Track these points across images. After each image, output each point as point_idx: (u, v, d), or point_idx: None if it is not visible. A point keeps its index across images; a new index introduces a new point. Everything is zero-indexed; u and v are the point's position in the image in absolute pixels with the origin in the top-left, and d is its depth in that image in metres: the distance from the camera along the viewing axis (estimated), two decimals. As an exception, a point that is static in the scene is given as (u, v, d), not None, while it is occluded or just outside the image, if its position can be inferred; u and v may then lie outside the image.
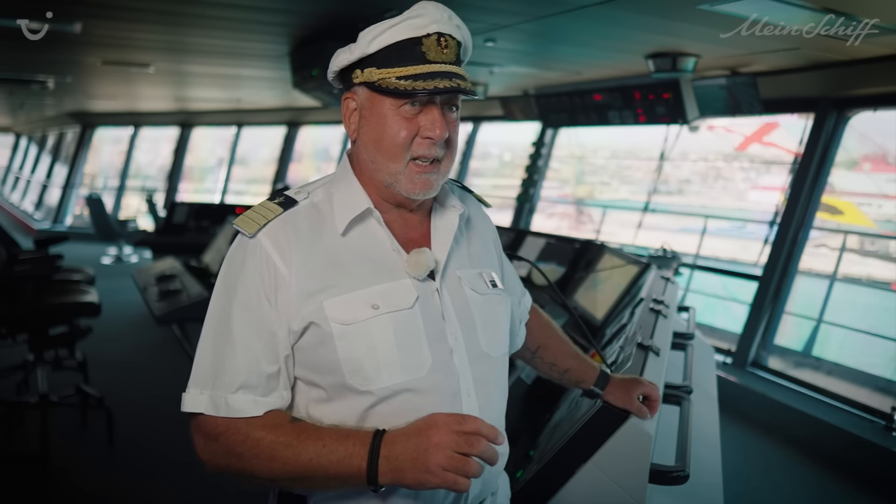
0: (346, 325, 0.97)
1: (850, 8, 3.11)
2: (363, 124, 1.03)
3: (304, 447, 0.92)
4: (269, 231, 1.00)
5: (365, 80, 1.01)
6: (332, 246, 1.02)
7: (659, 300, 2.24)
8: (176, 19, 4.18)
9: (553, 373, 1.41)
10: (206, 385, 0.99)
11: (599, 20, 3.74)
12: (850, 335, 5.34)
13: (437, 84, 0.96)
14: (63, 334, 3.50)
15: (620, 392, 1.33)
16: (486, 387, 1.07)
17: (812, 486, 3.63)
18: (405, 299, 1.01)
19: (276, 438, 0.94)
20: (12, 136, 17.90)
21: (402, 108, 0.99)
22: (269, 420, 0.97)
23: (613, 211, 9.18)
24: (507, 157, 13.21)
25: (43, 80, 7.08)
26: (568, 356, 1.40)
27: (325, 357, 0.98)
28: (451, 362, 1.03)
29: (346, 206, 1.04)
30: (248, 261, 1.00)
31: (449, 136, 1.02)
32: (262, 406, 0.98)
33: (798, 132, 5.28)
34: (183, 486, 3.08)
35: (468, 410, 1.03)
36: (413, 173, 1.01)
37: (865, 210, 8.04)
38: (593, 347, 1.61)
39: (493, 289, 1.14)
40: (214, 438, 0.98)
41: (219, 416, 0.97)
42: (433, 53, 0.98)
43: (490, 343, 1.10)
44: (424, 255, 1.04)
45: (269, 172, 11.47)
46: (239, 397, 0.97)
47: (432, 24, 0.99)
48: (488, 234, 1.25)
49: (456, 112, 1.04)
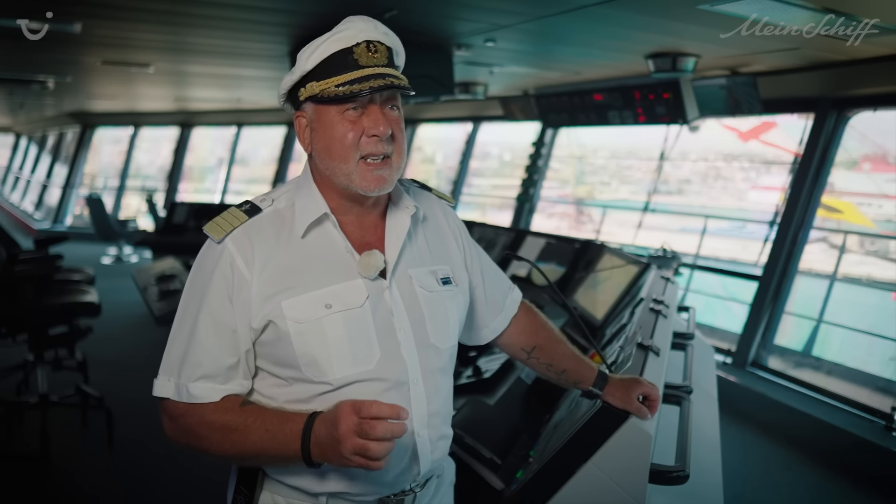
0: (300, 323, 1.07)
1: (850, 8, 3.11)
2: (314, 137, 1.13)
3: (251, 432, 1.04)
4: (235, 237, 1.10)
5: (308, 94, 1.10)
6: (291, 250, 1.11)
7: (659, 300, 2.24)
8: (176, 19, 4.18)
9: (550, 373, 1.42)
10: (173, 373, 1.10)
11: (599, 20, 3.74)
12: (850, 335, 5.34)
13: (372, 84, 1.05)
14: (63, 334, 3.50)
15: (620, 392, 1.33)
16: (433, 375, 1.17)
17: (812, 486, 3.63)
18: (356, 298, 1.11)
19: (227, 423, 1.06)
20: (12, 136, 17.90)
21: (345, 113, 1.08)
22: (223, 405, 1.08)
23: (613, 211, 9.18)
24: (507, 157, 13.21)
25: (43, 80, 7.08)
26: (565, 356, 1.41)
27: (283, 352, 1.09)
28: (398, 354, 1.13)
29: (305, 212, 1.13)
30: (214, 264, 1.10)
31: (393, 132, 1.10)
32: (219, 392, 1.09)
33: (796, 132, 5.28)
34: (183, 486, 3.08)
35: (416, 397, 1.14)
36: (365, 171, 1.10)
37: (865, 210, 8.04)
38: (593, 347, 1.61)
39: (443, 286, 1.22)
40: (176, 419, 1.11)
41: (181, 401, 1.09)
42: (364, 59, 1.08)
43: (438, 336, 1.18)
44: (374, 257, 1.13)
45: (269, 172, 11.48)
46: (199, 385, 1.08)
47: (360, 34, 1.08)
48: (447, 231, 1.32)
49: (397, 111, 1.13)
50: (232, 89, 8.13)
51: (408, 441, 1.13)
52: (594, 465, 1.26)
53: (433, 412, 1.16)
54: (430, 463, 1.17)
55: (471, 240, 1.37)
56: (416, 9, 3.70)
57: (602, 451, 1.27)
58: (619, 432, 1.27)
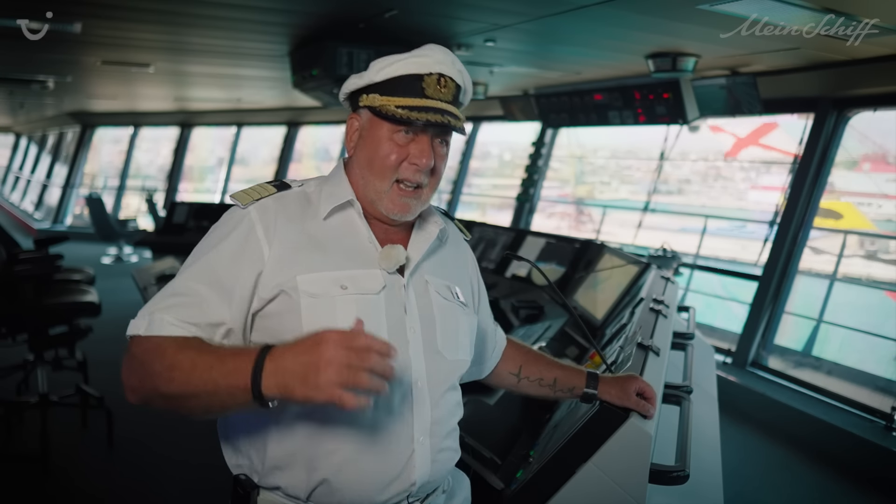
0: (313, 297, 1.04)
1: (850, 8, 3.11)
2: (361, 143, 1.14)
3: (201, 358, 0.94)
4: (260, 206, 1.09)
5: (368, 104, 1.11)
6: (313, 229, 1.11)
7: (659, 300, 2.23)
8: (176, 19, 4.18)
9: (544, 388, 1.43)
10: (150, 310, 1.02)
11: (599, 20, 3.74)
12: (850, 335, 5.34)
13: (430, 117, 1.07)
14: (63, 334, 3.50)
15: (616, 389, 1.33)
16: (440, 384, 1.14)
17: (812, 486, 3.63)
18: (372, 285, 1.09)
19: (180, 350, 0.96)
20: (12, 136, 17.91)
21: (396, 134, 1.10)
22: (183, 340, 0.99)
23: (613, 211, 9.19)
24: (507, 157, 13.23)
25: (43, 80, 7.08)
26: (550, 367, 1.43)
27: (289, 325, 1.03)
28: (406, 353, 1.09)
29: (331, 196, 1.14)
30: (234, 226, 1.08)
31: (435, 165, 1.12)
32: (187, 330, 1.00)
33: (797, 132, 5.28)
34: (183, 486, 3.08)
35: (418, 399, 1.10)
36: (396, 195, 1.12)
37: (865, 210, 8.04)
38: (593, 347, 1.61)
39: (457, 300, 1.22)
40: (133, 354, 1.00)
41: (149, 333, 0.99)
42: (431, 90, 1.09)
43: (446, 345, 1.16)
44: (397, 250, 1.12)
45: (269, 172, 11.48)
46: (176, 321, 1.00)
47: (436, 65, 1.10)
48: (465, 263, 1.34)
49: (446, 147, 1.14)
50: (232, 89, 8.13)
51: (406, 446, 1.08)
52: (594, 465, 1.26)
53: (436, 420, 1.12)
54: (429, 474, 1.11)
55: (480, 276, 1.40)
56: (416, 9, 3.70)
57: (602, 451, 1.26)
58: (619, 432, 1.27)
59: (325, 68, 4.49)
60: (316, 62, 4.61)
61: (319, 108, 8.24)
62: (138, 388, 0.99)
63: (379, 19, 3.89)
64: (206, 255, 1.07)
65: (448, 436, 1.16)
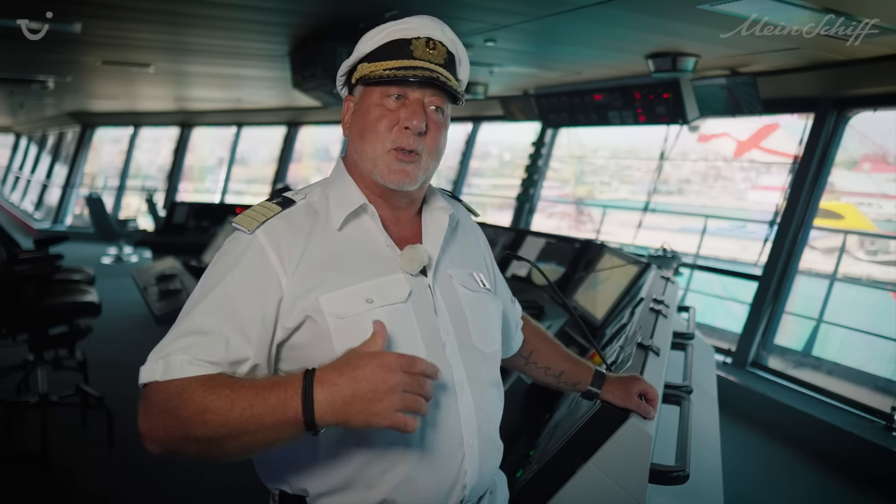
0: (341, 318, 0.99)
1: (850, 8, 3.11)
2: (353, 120, 1.10)
3: (238, 395, 0.86)
4: (267, 228, 1.02)
5: (358, 75, 1.08)
6: (327, 242, 1.04)
7: (659, 300, 2.24)
8: (176, 19, 4.18)
9: (548, 377, 1.42)
10: (164, 354, 0.92)
11: (599, 20, 3.74)
12: (850, 335, 5.34)
13: (417, 73, 1.02)
14: (63, 334, 3.50)
15: (619, 391, 1.33)
16: (480, 381, 1.10)
17: (812, 486, 3.63)
18: (399, 293, 1.04)
19: (210, 389, 0.88)
20: (12, 136, 17.90)
21: (386, 99, 1.05)
22: (208, 380, 0.90)
23: (613, 211, 9.18)
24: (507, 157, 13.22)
25: (43, 80, 7.08)
26: (561, 358, 1.41)
27: (321, 352, 0.97)
28: (443, 356, 1.05)
29: (341, 203, 1.08)
30: (241, 254, 1.01)
31: (429, 131, 1.06)
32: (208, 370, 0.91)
33: (798, 132, 5.28)
34: (183, 486, 3.08)
35: (464, 404, 1.05)
36: (391, 161, 1.05)
37: (865, 210, 8.04)
38: (593, 347, 1.61)
39: (483, 287, 1.18)
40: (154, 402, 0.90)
41: (166, 378, 0.90)
42: (420, 52, 1.05)
43: (481, 339, 1.12)
44: (418, 250, 1.07)
45: (269, 172, 11.48)
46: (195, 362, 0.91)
47: (423, 29, 1.07)
48: (477, 242, 1.29)
49: (441, 115, 1.08)
50: (232, 89, 8.13)
51: (456, 451, 1.03)
52: (594, 465, 1.26)
53: (482, 420, 1.08)
54: (479, 476, 1.07)
55: (491, 252, 1.35)
56: (416, 9, 3.68)
57: (602, 451, 1.26)
58: (619, 432, 1.27)
59: (325, 68, 4.50)
60: (316, 62, 4.61)
61: (319, 108, 8.24)
62: (164, 437, 0.89)
63: (379, 19, 3.87)
64: (217, 287, 0.98)
65: (493, 433, 1.13)
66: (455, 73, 1.11)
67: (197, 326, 0.95)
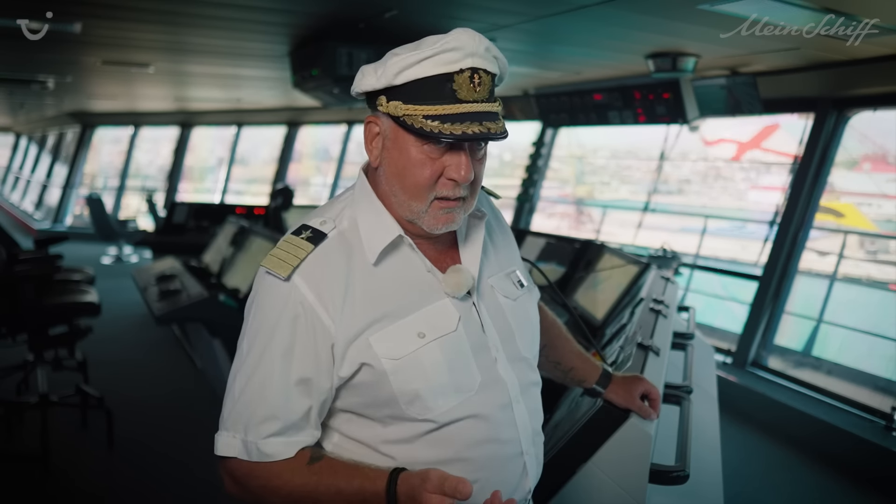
0: (396, 359, 0.96)
1: (850, 8, 3.11)
2: (386, 154, 0.99)
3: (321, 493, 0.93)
4: (304, 272, 0.96)
5: (390, 112, 0.95)
6: (366, 278, 0.98)
7: (659, 300, 2.24)
8: (176, 19, 4.17)
9: (556, 371, 1.41)
10: (238, 429, 0.97)
11: (599, 20, 3.74)
12: (850, 335, 5.34)
13: (466, 129, 0.91)
14: (63, 334, 3.50)
15: (622, 391, 1.33)
16: (530, 389, 1.10)
17: (812, 486, 3.63)
18: (448, 322, 1.00)
19: (296, 487, 0.95)
20: (12, 136, 17.90)
21: (427, 146, 0.94)
22: (291, 465, 0.96)
23: (613, 211, 9.18)
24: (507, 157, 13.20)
25: (43, 80, 7.07)
26: (573, 354, 1.40)
27: (381, 393, 0.97)
28: (496, 374, 1.04)
29: (375, 236, 1.00)
30: (283, 306, 0.96)
31: (475, 175, 0.98)
32: (293, 447, 0.97)
33: (798, 132, 5.28)
34: (183, 486, 3.08)
35: (520, 418, 1.05)
36: (436, 211, 0.98)
37: (865, 210, 8.04)
38: (593, 347, 1.61)
39: (521, 289, 1.15)
40: (242, 481, 0.98)
41: (250, 460, 0.96)
42: (464, 92, 0.92)
43: (527, 346, 1.11)
44: (462, 274, 1.02)
45: (269, 172, 11.47)
46: (271, 442, 0.96)
47: (466, 59, 0.91)
48: (506, 231, 1.23)
49: (482, 150, 1.00)
50: (232, 89, 8.13)
51: (518, 461, 1.06)
52: (594, 465, 1.26)
53: (536, 429, 1.09)
54: (536, 478, 1.11)
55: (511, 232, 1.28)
56: (416, 9, 3.70)
57: (602, 451, 1.27)
58: (619, 432, 1.27)
59: (324, 68, 4.49)
60: (316, 62, 4.61)
61: (319, 108, 8.23)
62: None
63: (379, 19, 3.89)
64: (267, 347, 0.96)
65: (541, 431, 1.14)
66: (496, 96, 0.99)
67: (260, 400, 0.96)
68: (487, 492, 0.99)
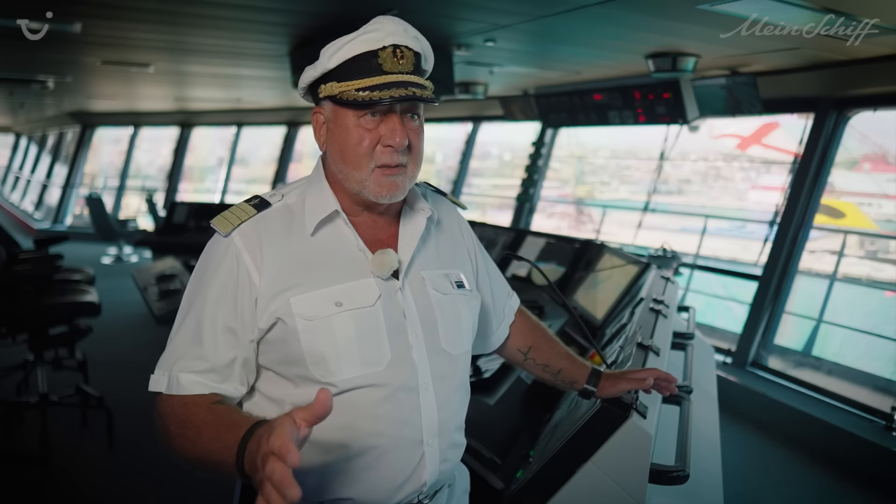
0: (309, 320, 1.03)
1: (850, 8, 3.11)
2: (330, 137, 1.10)
3: (204, 431, 0.96)
4: (242, 231, 1.06)
5: (328, 93, 1.07)
6: (301, 246, 1.08)
7: (659, 300, 2.24)
8: (176, 19, 4.18)
9: (546, 374, 1.42)
10: (168, 367, 1.05)
11: (599, 20, 3.74)
12: (850, 335, 5.34)
13: (393, 93, 1.01)
14: (63, 334, 3.50)
15: (612, 380, 1.35)
16: (445, 382, 1.13)
17: (812, 486, 3.63)
18: (367, 297, 1.07)
19: (189, 417, 0.99)
20: (12, 136, 17.90)
21: (363, 118, 1.05)
22: (197, 400, 1.02)
23: (613, 211, 9.19)
24: (507, 157, 13.21)
25: (43, 80, 7.08)
26: (560, 356, 1.41)
27: (290, 350, 1.04)
28: (409, 357, 1.09)
29: (315, 209, 1.10)
30: (220, 259, 1.06)
31: (410, 142, 1.07)
32: (207, 388, 1.04)
33: (798, 131, 5.28)
34: (183, 486, 3.08)
35: (425, 404, 1.09)
36: (379, 177, 1.06)
37: (865, 210, 8.04)
38: (593, 347, 1.61)
39: (457, 289, 1.19)
40: (159, 415, 1.05)
41: (169, 393, 1.03)
42: (389, 64, 1.04)
43: (450, 341, 1.15)
44: (388, 255, 1.10)
45: (269, 172, 11.48)
46: (189, 377, 1.03)
47: (388, 37, 1.05)
48: (460, 237, 1.30)
49: (417, 120, 1.09)
50: (232, 89, 8.13)
51: (416, 449, 1.09)
52: (594, 465, 1.26)
53: (444, 420, 1.12)
54: (438, 473, 1.12)
55: (481, 246, 1.36)
56: (416, 9, 3.70)
57: (602, 451, 1.27)
58: (619, 432, 1.27)
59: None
60: (316, 62, 4.61)
61: (319, 108, 8.24)
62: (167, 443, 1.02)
63: (379, 19, 3.89)
64: (202, 294, 1.06)
65: (455, 431, 1.16)
66: (423, 72, 1.11)
67: (190, 337, 1.05)
68: (379, 468, 1.06)
